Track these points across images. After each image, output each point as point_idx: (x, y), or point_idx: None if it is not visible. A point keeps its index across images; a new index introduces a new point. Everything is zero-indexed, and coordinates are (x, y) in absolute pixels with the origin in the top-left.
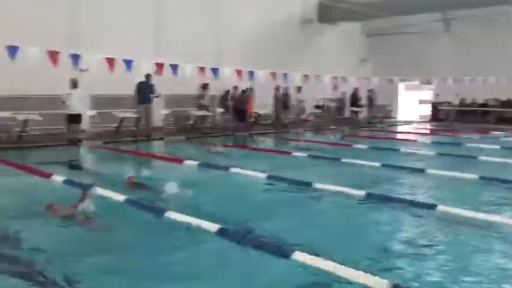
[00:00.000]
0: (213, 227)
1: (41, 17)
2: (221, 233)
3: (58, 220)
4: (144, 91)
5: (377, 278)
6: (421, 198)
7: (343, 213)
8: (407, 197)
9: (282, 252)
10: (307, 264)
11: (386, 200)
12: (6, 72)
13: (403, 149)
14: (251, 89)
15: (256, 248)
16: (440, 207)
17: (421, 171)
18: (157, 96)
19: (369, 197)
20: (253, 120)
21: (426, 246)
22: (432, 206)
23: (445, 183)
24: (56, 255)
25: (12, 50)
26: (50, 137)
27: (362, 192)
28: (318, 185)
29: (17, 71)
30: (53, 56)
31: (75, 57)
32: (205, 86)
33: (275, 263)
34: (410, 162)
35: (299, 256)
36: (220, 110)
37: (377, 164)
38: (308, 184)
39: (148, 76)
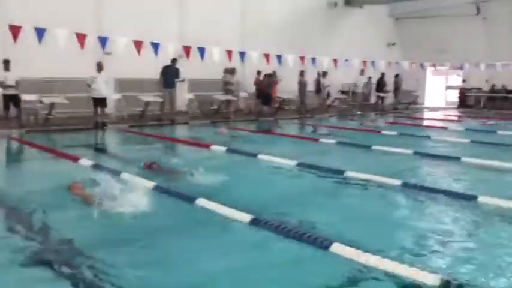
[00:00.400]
0: (246, 216)
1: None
2: (254, 223)
3: (83, 205)
4: (169, 75)
5: (426, 272)
6: (459, 188)
7: (378, 203)
8: (445, 187)
9: (320, 243)
10: (346, 257)
11: (423, 190)
12: (33, 55)
13: (434, 136)
14: (275, 73)
15: (292, 239)
16: (482, 199)
17: (457, 159)
18: (182, 81)
19: (405, 186)
20: (277, 105)
21: (469, 239)
22: (472, 197)
23: (483, 172)
24: (84, 243)
25: (40, 33)
26: (76, 120)
27: (397, 182)
28: (350, 173)
29: (43, 53)
30: (80, 38)
31: (103, 40)
32: (232, 71)
33: (312, 255)
34: (443, 149)
35: (338, 248)
36: (245, 94)
37: (409, 152)
38: (340, 172)
39: (174, 60)
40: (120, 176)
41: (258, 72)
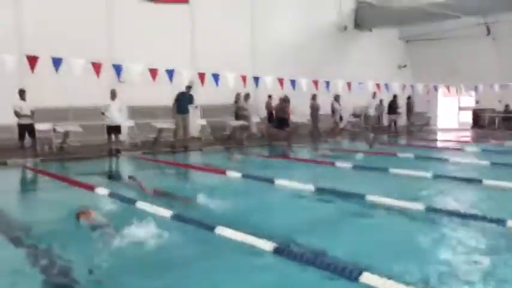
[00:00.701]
0: (269, 245)
1: (81, 29)
2: (278, 251)
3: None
4: (183, 101)
5: None
6: (484, 211)
7: (402, 228)
8: (469, 211)
9: (349, 273)
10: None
11: (447, 214)
12: (47, 84)
13: (451, 158)
14: (287, 97)
15: (318, 269)
16: (511, 223)
17: (478, 181)
18: (196, 107)
19: (428, 210)
20: (289, 129)
21: (498, 266)
22: (501, 221)
23: (507, 195)
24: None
25: (56, 62)
26: (90, 148)
27: (420, 206)
28: (371, 197)
29: (57, 82)
30: (96, 67)
31: (118, 69)
32: (247, 97)
33: (340, 285)
34: (462, 172)
35: (369, 279)
36: (257, 119)
37: (428, 175)
38: (361, 197)
39: (189, 88)
40: (135, 204)
41: (269, 96)
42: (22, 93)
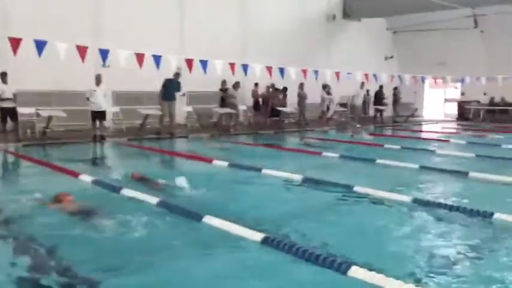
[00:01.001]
0: (257, 235)
1: (67, 13)
2: (266, 242)
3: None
4: (171, 88)
5: None
6: (471, 204)
7: (390, 220)
8: (456, 203)
9: (338, 267)
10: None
11: (434, 206)
12: (30, 68)
13: (438, 150)
14: (273, 85)
15: (306, 261)
16: (498, 215)
17: (465, 174)
18: (183, 95)
19: (416, 202)
20: (277, 118)
21: (487, 257)
22: (489, 214)
23: (493, 188)
24: (81, 263)
25: (40, 45)
26: (74, 133)
27: (407, 198)
28: (358, 189)
29: (40, 66)
30: (82, 51)
31: (104, 53)
32: (237, 85)
33: (327, 277)
34: (449, 164)
35: (357, 272)
36: (244, 107)
37: (415, 166)
38: (348, 187)
39: (177, 75)
40: (120, 192)
41: (256, 84)
42: (4, 76)
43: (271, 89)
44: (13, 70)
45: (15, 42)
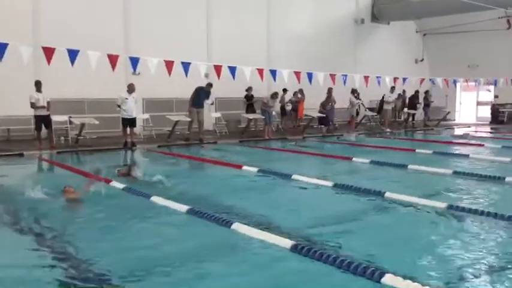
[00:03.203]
0: (287, 242)
1: (97, 22)
2: (296, 249)
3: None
4: (201, 95)
5: None
6: (509, 210)
7: (423, 226)
8: (493, 210)
9: (371, 274)
10: None
11: (470, 212)
12: (63, 76)
13: (471, 155)
14: (301, 91)
15: (338, 269)
16: None
17: (501, 179)
18: (212, 103)
19: (451, 208)
20: (305, 123)
21: None
22: None
23: None
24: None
25: (73, 54)
26: (105, 140)
27: (442, 204)
28: (390, 195)
29: (73, 75)
30: (113, 60)
31: (134, 61)
32: (274, 95)
33: (360, 285)
34: (483, 169)
35: (392, 280)
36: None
37: (448, 171)
38: (380, 194)
39: (209, 85)
40: (150, 199)
41: (284, 90)
42: (38, 85)
43: (299, 95)
44: (46, 79)
45: (48, 52)
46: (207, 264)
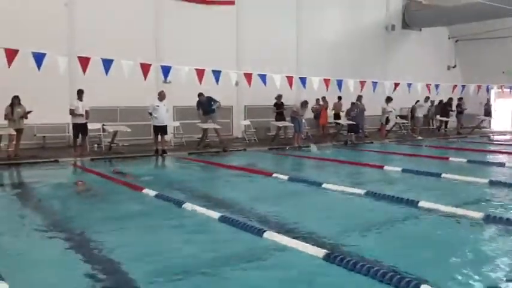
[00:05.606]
0: (319, 251)
1: (130, 32)
2: (329, 258)
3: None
4: (204, 104)
5: None
6: None
7: (459, 237)
8: None
9: (406, 285)
10: None
11: (508, 223)
12: (96, 85)
13: (508, 163)
14: (324, 98)
15: (372, 279)
16: None
17: None
18: (218, 107)
19: (488, 219)
20: (334, 131)
21: None
22: None
23: None
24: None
25: (107, 64)
26: (138, 148)
27: (478, 214)
28: (424, 204)
29: (106, 83)
30: (145, 68)
31: (165, 70)
32: (305, 104)
33: None
34: None
35: None
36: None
37: (484, 181)
38: (413, 203)
39: (199, 94)
40: (182, 206)
41: (317, 100)
42: (80, 93)
43: (321, 102)
44: (80, 87)
45: (84, 61)
46: (238, 273)
